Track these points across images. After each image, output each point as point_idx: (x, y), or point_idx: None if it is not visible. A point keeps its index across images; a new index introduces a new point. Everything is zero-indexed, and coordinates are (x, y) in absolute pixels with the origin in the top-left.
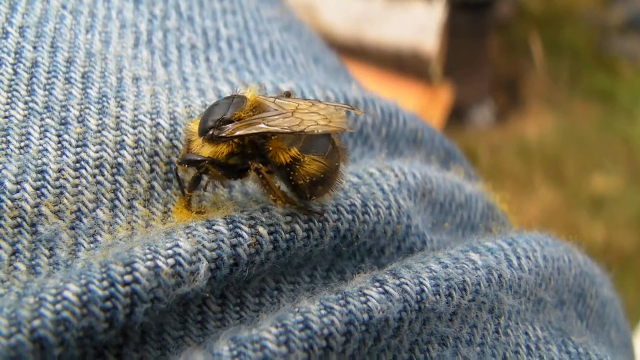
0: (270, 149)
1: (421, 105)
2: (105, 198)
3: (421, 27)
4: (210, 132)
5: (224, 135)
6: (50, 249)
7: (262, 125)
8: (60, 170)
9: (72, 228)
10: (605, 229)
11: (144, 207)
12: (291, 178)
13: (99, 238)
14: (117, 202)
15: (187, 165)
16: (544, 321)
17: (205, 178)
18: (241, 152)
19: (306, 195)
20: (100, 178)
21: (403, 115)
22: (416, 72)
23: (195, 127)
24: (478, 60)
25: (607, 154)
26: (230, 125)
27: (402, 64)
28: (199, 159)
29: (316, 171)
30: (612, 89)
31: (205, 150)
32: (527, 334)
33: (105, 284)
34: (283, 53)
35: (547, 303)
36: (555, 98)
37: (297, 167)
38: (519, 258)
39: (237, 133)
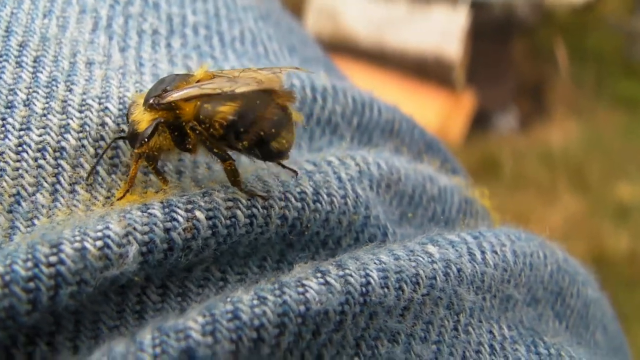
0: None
1: (444, 111)
2: (46, 182)
3: (444, 32)
4: (151, 100)
5: (162, 102)
6: None
7: (195, 88)
8: (1, 153)
9: (10, 211)
10: (629, 238)
11: (86, 191)
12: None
13: (36, 222)
14: (57, 186)
15: (141, 143)
16: (513, 319)
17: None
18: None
19: (256, 154)
20: (41, 161)
21: (378, 105)
22: (439, 77)
23: (140, 100)
24: (502, 65)
25: (632, 162)
26: (169, 93)
27: (425, 70)
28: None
29: (259, 129)
30: (637, 95)
31: (145, 118)
32: (491, 332)
33: (29, 264)
34: (254, 41)
35: (517, 300)
36: (579, 104)
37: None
38: (483, 252)
39: (172, 96)
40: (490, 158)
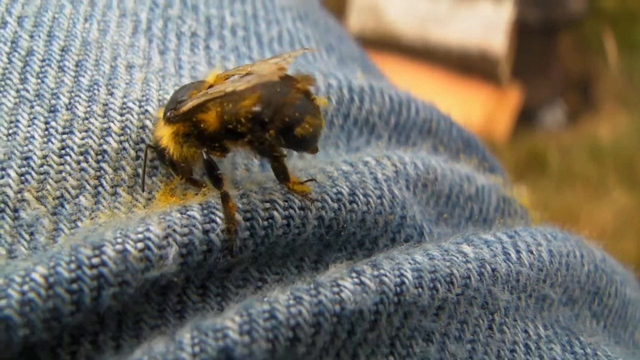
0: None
1: (489, 106)
2: (89, 184)
3: (489, 26)
4: (168, 114)
5: (177, 114)
6: (31, 234)
7: (202, 96)
8: (44, 157)
9: (54, 214)
10: None
11: (128, 193)
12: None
13: (79, 224)
14: (100, 189)
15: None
16: (549, 319)
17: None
18: (199, 134)
19: (283, 143)
20: (84, 164)
21: (415, 104)
22: (484, 72)
23: (161, 114)
24: (548, 59)
25: None
26: (182, 104)
27: (469, 65)
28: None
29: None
30: None
31: (165, 132)
32: (526, 331)
33: (73, 266)
34: (292, 41)
35: (553, 300)
36: (629, 97)
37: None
38: (518, 251)
39: (184, 108)
40: (537, 154)
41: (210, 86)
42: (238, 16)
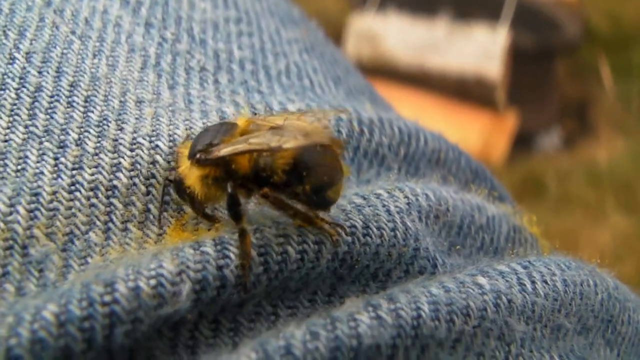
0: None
1: (486, 132)
2: (99, 220)
3: (485, 52)
4: (197, 155)
5: (210, 157)
6: (40, 271)
7: (243, 144)
8: (54, 193)
9: (63, 250)
10: None
11: (138, 229)
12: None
13: (89, 260)
14: (110, 224)
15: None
16: (564, 348)
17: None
18: (228, 177)
19: (312, 200)
20: (94, 200)
21: (424, 135)
22: (480, 98)
23: (185, 150)
24: (544, 85)
25: None
26: (215, 148)
27: (466, 91)
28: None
29: (314, 178)
30: None
31: (192, 173)
32: None
33: (84, 303)
34: (299, 74)
35: (568, 329)
36: (625, 122)
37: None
38: (533, 282)
39: (221, 153)
40: (534, 178)
41: (243, 133)
42: (246, 50)
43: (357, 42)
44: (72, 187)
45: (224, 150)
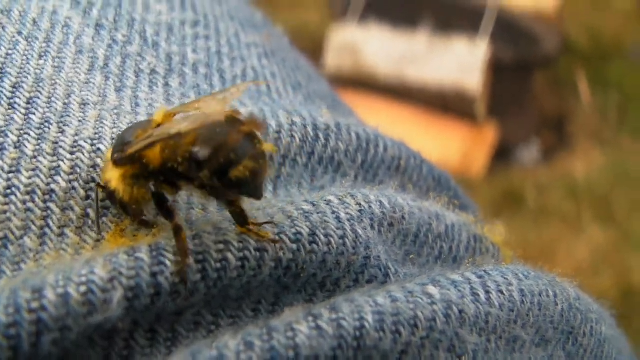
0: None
1: (466, 144)
2: (34, 225)
3: (464, 65)
4: (115, 156)
5: (124, 156)
6: None
7: (147, 138)
8: None
9: None
10: None
11: (76, 234)
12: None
13: (22, 266)
14: (46, 229)
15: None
16: None
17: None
18: (147, 173)
19: (218, 186)
20: (30, 204)
21: (384, 142)
22: (460, 111)
23: (109, 155)
24: (523, 97)
25: None
26: (128, 145)
27: (446, 103)
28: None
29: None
30: None
31: (114, 174)
32: None
33: (11, 310)
34: (256, 78)
35: (525, 341)
36: (603, 135)
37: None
38: (487, 292)
39: (130, 150)
40: (513, 191)
41: (158, 125)
42: (201, 53)
43: (338, 53)
44: (8, 191)
45: (133, 147)
